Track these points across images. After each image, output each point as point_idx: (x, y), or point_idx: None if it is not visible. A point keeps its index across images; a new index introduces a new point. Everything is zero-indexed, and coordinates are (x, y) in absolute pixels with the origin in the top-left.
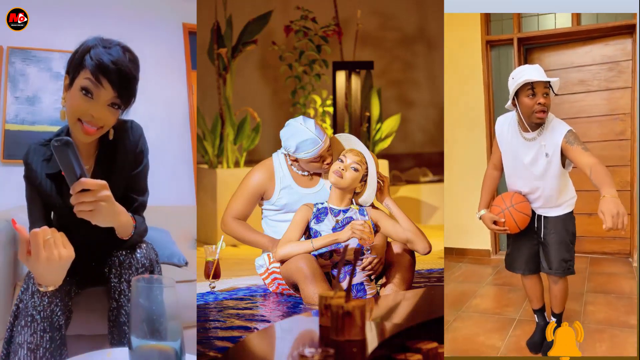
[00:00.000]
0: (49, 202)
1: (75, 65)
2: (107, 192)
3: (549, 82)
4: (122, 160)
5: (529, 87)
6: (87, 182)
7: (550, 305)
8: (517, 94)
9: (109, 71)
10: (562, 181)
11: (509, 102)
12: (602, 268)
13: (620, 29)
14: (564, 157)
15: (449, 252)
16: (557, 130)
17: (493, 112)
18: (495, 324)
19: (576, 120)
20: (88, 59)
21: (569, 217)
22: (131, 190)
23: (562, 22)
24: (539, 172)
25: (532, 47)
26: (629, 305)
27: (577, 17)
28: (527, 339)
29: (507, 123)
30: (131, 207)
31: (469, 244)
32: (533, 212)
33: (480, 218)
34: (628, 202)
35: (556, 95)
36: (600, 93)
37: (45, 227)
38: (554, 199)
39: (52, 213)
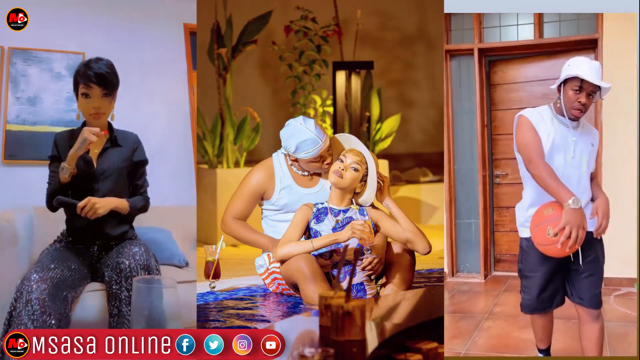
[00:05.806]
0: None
1: (74, 84)
2: (98, 205)
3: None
4: (122, 158)
5: (578, 81)
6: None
7: (583, 351)
8: (565, 81)
9: (92, 78)
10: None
11: (555, 86)
12: None
13: (583, 44)
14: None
15: None
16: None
17: (452, 119)
18: None
19: None
20: (78, 77)
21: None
22: (136, 179)
23: (525, 34)
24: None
25: (495, 59)
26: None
27: (539, 29)
28: None
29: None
30: (137, 192)
31: None
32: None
33: (576, 207)
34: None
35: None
36: None
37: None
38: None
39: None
